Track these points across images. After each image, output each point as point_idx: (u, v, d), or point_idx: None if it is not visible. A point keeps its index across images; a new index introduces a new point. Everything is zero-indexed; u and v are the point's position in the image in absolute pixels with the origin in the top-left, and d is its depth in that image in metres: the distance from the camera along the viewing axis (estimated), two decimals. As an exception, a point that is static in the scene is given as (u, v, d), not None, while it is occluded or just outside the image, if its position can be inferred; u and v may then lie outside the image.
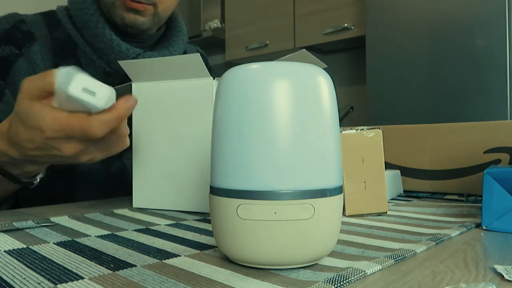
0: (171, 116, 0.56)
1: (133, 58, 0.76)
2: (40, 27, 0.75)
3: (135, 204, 0.58)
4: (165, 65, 0.54)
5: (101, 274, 0.30)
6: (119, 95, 0.60)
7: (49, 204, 0.65)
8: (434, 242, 0.38)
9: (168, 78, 0.55)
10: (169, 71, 0.54)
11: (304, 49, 0.57)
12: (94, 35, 0.75)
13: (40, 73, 0.44)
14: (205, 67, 0.52)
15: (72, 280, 0.28)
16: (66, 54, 0.75)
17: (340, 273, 0.29)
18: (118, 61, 0.56)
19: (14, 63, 0.71)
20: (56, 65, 0.72)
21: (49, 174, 0.74)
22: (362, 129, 0.53)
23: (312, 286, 0.27)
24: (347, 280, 0.28)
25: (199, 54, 0.51)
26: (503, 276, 0.29)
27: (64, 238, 0.40)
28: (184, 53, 0.89)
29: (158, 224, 0.47)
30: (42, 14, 0.79)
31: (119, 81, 0.66)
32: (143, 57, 0.78)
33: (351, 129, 0.53)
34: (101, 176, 0.78)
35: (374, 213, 0.53)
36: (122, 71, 0.77)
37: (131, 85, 0.58)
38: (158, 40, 0.86)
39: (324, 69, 0.33)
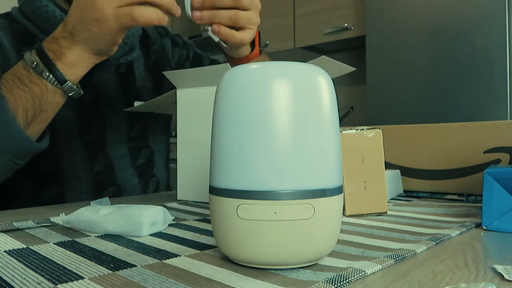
0: (211, 117, 0.59)
1: None
2: (0, 20, 0.76)
3: (180, 196, 0.64)
4: (204, 73, 0.61)
5: (101, 274, 0.30)
6: (165, 101, 0.69)
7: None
8: (434, 242, 0.38)
9: (208, 84, 0.62)
10: (208, 79, 0.61)
11: (323, 56, 0.59)
12: (46, 20, 0.75)
13: None
14: None
15: (72, 280, 0.28)
16: (27, 43, 0.75)
17: (340, 273, 0.29)
18: (163, 72, 0.61)
19: None
20: (20, 51, 0.73)
21: (37, 180, 0.74)
22: (362, 129, 0.53)
23: (312, 286, 0.27)
24: (347, 280, 0.28)
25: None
26: (503, 276, 0.29)
27: (64, 238, 0.40)
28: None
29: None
30: None
31: None
32: None
33: (351, 129, 0.53)
34: (88, 175, 0.78)
35: (374, 213, 0.53)
36: None
37: (175, 91, 0.65)
38: None
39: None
